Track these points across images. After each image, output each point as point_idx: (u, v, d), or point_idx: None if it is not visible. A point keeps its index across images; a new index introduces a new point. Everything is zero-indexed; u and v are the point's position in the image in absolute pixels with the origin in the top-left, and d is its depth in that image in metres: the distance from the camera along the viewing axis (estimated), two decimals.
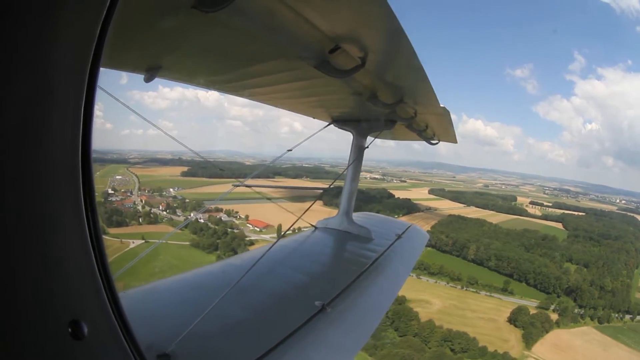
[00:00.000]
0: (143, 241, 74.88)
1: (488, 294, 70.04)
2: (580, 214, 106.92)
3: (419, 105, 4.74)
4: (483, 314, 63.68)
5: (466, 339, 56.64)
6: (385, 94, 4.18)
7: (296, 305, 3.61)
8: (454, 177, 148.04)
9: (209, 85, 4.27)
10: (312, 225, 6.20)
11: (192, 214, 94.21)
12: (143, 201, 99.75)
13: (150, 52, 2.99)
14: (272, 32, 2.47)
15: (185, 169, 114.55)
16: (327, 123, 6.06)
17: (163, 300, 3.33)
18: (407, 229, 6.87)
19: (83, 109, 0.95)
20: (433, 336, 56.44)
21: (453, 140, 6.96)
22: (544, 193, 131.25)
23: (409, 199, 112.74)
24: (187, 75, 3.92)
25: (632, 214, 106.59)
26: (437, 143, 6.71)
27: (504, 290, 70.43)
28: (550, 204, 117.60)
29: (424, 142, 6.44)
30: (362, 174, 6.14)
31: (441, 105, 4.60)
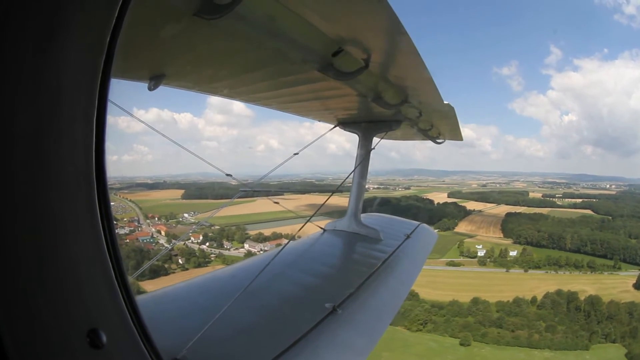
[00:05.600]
0: None
1: (608, 273, 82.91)
2: (594, 200, 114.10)
3: (423, 104, 4.72)
4: (620, 288, 76.52)
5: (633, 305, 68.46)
6: (389, 94, 4.17)
7: (307, 307, 3.58)
8: (444, 180, 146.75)
9: (213, 91, 4.29)
10: (321, 228, 6.19)
11: (245, 244, 72.90)
12: (163, 233, 74.42)
13: (153, 61, 3.02)
14: (275, 37, 2.48)
15: (182, 191, 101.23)
16: (333, 125, 6.05)
17: (173, 305, 3.33)
18: (415, 228, 6.82)
19: (95, 116, 0.95)
20: (621, 314, 66.44)
21: (459, 137, 6.91)
22: (538, 187, 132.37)
23: (455, 202, 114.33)
24: (191, 82, 3.94)
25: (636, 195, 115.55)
26: (442, 142, 6.67)
27: (614, 267, 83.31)
28: (561, 195, 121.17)
29: (401, 150, 6.45)
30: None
31: (445, 102, 4.57)
